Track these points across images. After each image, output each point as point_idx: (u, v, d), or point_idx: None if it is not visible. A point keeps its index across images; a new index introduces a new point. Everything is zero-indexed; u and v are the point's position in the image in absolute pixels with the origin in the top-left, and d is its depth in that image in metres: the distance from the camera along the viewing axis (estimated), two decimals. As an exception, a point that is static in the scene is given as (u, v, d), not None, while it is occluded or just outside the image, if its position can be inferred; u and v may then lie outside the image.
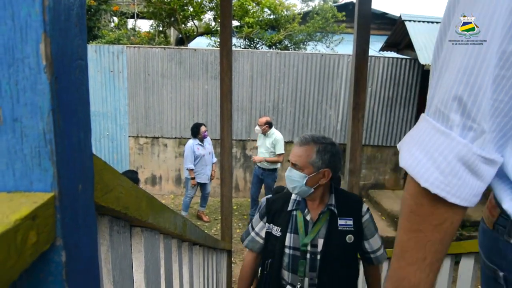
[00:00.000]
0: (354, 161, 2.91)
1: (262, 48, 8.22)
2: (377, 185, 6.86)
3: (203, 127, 5.35)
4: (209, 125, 6.36)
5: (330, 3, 9.20)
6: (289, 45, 8.50)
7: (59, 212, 0.40)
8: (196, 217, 5.96)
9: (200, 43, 8.75)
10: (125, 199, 0.64)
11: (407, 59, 6.44)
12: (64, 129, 0.40)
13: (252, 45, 8.34)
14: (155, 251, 0.97)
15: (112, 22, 10.29)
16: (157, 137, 6.63)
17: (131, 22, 10.41)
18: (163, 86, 6.44)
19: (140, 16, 9.91)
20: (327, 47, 8.58)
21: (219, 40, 5.05)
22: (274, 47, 8.15)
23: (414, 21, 6.24)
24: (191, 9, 8.16)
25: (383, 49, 7.65)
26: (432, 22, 6.22)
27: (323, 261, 1.57)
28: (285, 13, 8.49)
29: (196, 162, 5.37)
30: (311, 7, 9.31)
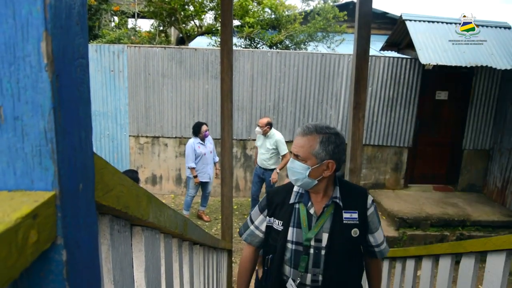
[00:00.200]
0: (354, 161, 2.90)
1: (262, 48, 8.21)
2: (377, 185, 6.86)
3: (204, 126, 5.36)
4: (209, 124, 6.36)
5: (330, 3, 9.17)
6: (290, 45, 8.49)
7: (60, 211, 0.40)
8: (197, 216, 5.96)
9: (201, 42, 8.74)
10: (125, 198, 0.64)
11: (407, 58, 6.43)
12: (65, 127, 0.40)
13: (252, 45, 8.33)
14: (155, 250, 0.97)
15: (112, 22, 10.29)
16: (158, 137, 6.63)
17: (131, 21, 10.41)
18: (163, 85, 6.44)
19: (141, 15, 9.90)
20: (328, 47, 8.56)
21: (219, 40, 5.04)
22: (275, 47, 8.14)
23: (415, 20, 6.22)
24: (192, 8, 8.16)
25: (383, 48, 7.65)
26: (433, 21, 6.20)
27: (328, 257, 1.51)
28: (286, 13, 8.47)
29: (197, 161, 5.37)
30: (311, 6, 9.28)
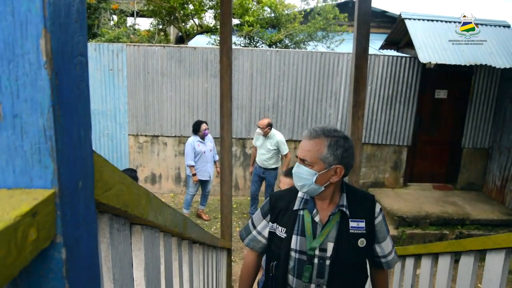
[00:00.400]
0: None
1: (262, 47, 8.20)
2: (376, 184, 6.86)
3: (204, 125, 5.36)
4: (209, 123, 6.35)
5: (330, 2, 9.13)
6: (289, 44, 8.48)
7: (59, 209, 0.40)
8: (196, 215, 5.96)
9: (200, 41, 8.73)
10: (125, 196, 0.63)
11: (407, 57, 6.43)
12: (65, 125, 0.40)
13: (252, 44, 8.32)
14: (155, 249, 0.97)
15: (111, 20, 10.26)
16: (157, 136, 6.63)
17: (130, 20, 10.38)
18: (162, 84, 6.43)
19: (140, 14, 9.88)
20: (328, 47, 8.55)
21: (219, 39, 5.04)
22: (274, 46, 8.13)
23: (414, 19, 6.22)
24: (192, 7, 8.15)
25: (383, 47, 7.64)
26: (432, 20, 6.20)
27: (333, 267, 1.44)
28: (286, 12, 8.46)
29: (197, 159, 5.37)
30: (311, 5, 9.26)
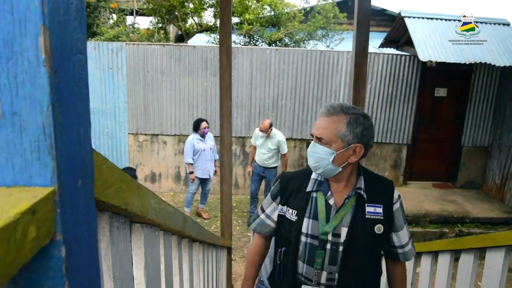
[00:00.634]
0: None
1: (261, 45, 8.19)
2: (376, 182, 6.87)
3: (204, 123, 5.37)
4: (208, 122, 6.35)
5: (330, 0, 9.11)
6: (289, 43, 8.47)
7: (59, 207, 0.40)
8: (196, 214, 5.96)
9: (200, 40, 8.72)
10: (125, 194, 0.63)
11: (406, 55, 6.42)
12: (64, 123, 0.40)
13: (251, 42, 8.31)
14: (155, 247, 0.97)
15: (111, 19, 10.24)
16: (157, 134, 6.62)
17: (130, 19, 10.37)
18: (162, 83, 6.43)
19: (140, 12, 9.87)
20: (327, 46, 8.54)
21: (218, 37, 5.03)
22: (274, 44, 8.12)
23: (414, 17, 6.22)
24: (191, 6, 8.13)
25: (382, 45, 7.64)
26: (431, 18, 6.20)
27: (346, 254, 1.35)
28: (285, 10, 8.45)
29: (197, 157, 5.37)
30: (311, 4, 9.25)
